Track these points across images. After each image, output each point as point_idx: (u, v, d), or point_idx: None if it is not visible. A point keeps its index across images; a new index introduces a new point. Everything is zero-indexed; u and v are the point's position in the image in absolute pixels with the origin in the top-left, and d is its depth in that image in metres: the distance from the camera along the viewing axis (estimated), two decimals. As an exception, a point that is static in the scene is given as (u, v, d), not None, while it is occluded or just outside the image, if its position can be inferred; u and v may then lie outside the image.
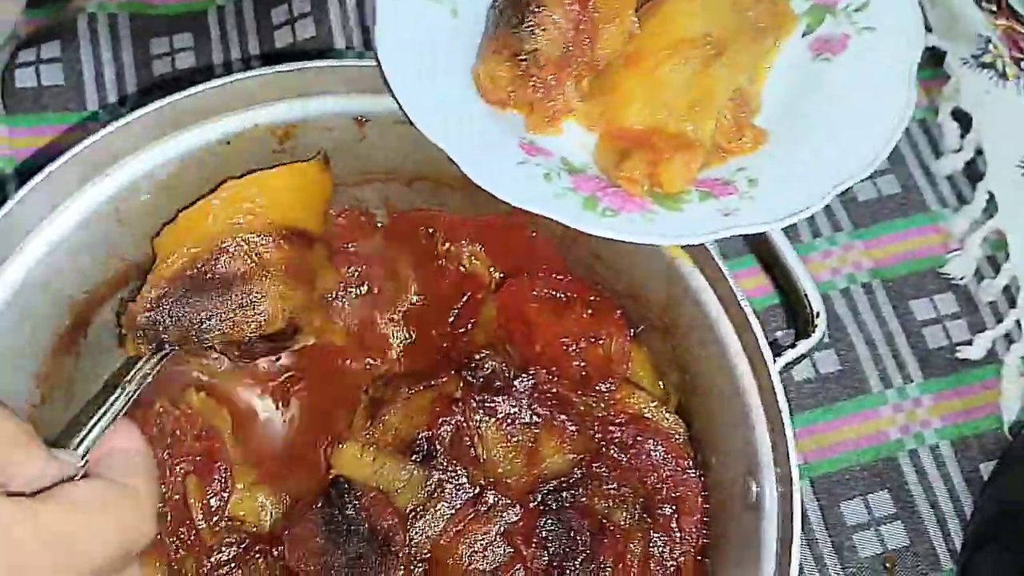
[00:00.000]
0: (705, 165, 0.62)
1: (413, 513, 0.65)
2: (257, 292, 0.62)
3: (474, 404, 0.68)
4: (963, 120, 0.84)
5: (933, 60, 0.87)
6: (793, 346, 0.60)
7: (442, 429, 0.67)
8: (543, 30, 0.62)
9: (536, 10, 0.62)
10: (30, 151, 0.82)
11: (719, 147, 0.63)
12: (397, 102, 0.60)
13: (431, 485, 0.66)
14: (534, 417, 0.68)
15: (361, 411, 0.70)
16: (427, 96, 0.61)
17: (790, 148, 0.62)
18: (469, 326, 0.73)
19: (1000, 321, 0.79)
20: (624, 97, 0.63)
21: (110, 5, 0.87)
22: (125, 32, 0.87)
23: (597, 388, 0.69)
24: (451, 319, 0.74)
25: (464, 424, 0.67)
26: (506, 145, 0.62)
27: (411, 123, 0.59)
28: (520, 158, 0.61)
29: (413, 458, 0.66)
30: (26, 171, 0.76)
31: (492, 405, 0.68)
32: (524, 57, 0.62)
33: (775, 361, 0.59)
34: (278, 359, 0.72)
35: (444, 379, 0.69)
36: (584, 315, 0.72)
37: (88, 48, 0.85)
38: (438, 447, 0.67)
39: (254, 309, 0.62)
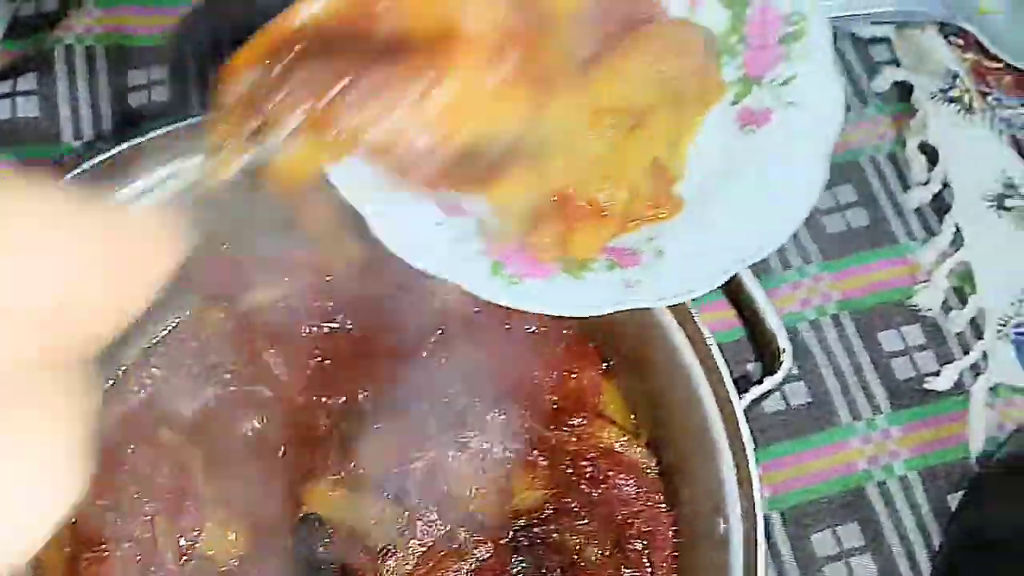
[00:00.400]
0: (618, 232, 0.61)
1: (384, 551, 0.65)
2: None
3: (446, 441, 0.68)
4: (931, 153, 0.86)
5: (901, 94, 0.88)
6: (759, 382, 0.61)
7: (414, 466, 0.68)
8: None
9: None
10: (5, 184, 0.82)
11: (633, 216, 0.62)
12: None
13: (402, 522, 0.66)
14: (506, 453, 0.69)
15: (332, 447, 0.71)
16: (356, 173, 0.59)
17: (701, 221, 0.61)
18: (443, 360, 0.73)
19: (967, 352, 0.80)
20: None
21: (88, 37, 0.87)
22: (102, 64, 0.87)
23: (569, 423, 0.70)
24: (424, 353, 0.74)
25: (436, 461, 0.68)
26: (425, 205, 0.60)
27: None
28: (438, 219, 0.60)
29: (384, 495, 0.67)
30: None
31: (464, 441, 0.68)
32: None
33: (741, 398, 0.60)
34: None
35: (416, 415, 0.69)
36: (557, 348, 0.73)
37: (65, 80, 0.85)
38: (410, 484, 0.67)
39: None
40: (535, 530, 0.67)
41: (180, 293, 0.72)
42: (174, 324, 0.74)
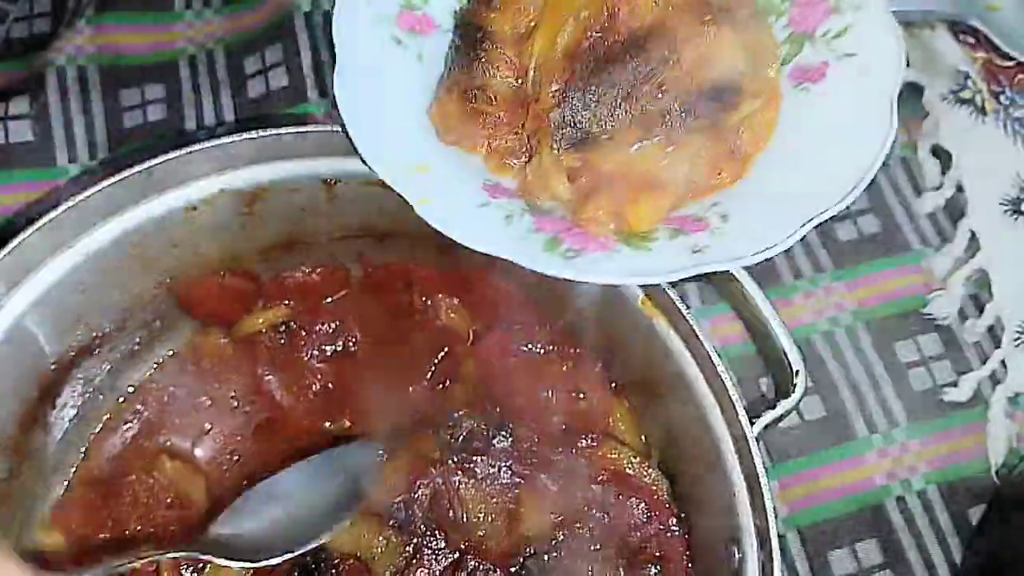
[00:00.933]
0: (679, 203, 0.59)
1: (391, 581, 0.64)
2: (695, 38, 0.57)
3: (452, 465, 0.66)
4: (943, 157, 0.84)
5: (912, 96, 0.86)
6: (773, 407, 0.59)
7: (420, 492, 0.66)
8: (494, 67, 0.60)
9: (487, 47, 0.60)
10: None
11: (695, 185, 0.60)
12: (354, 148, 0.58)
13: (409, 551, 0.64)
14: (514, 477, 0.67)
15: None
16: (385, 142, 0.59)
17: (765, 182, 0.59)
18: (447, 382, 0.72)
19: (985, 362, 0.78)
20: None
21: (80, 58, 0.86)
22: (95, 84, 0.85)
23: (578, 444, 0.68)
24: (428, 374, 0.72)
25: (442, 487, 0.66)
26: (467, 188, 0.59)
27: (370, 169, 0.57)
28: (482, 200, 0.59)
29: (391, 523, 0.65)
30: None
31: (470, 466, 0.67)
32: (473, 94, 0.60)
33: (754, 422, 0.58)
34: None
35: (421, 439, 0.68)
36: (564, 369, 0.71)
37: (57, 103, 0.84)
38: (416, 511, 0.66)
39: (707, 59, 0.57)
40: (545, 556, 0.65)
41: (179, 319, 0.71)
42: (172, 352, 0.72)
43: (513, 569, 0.65)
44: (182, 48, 0.88)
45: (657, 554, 0.65)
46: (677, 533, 0.65)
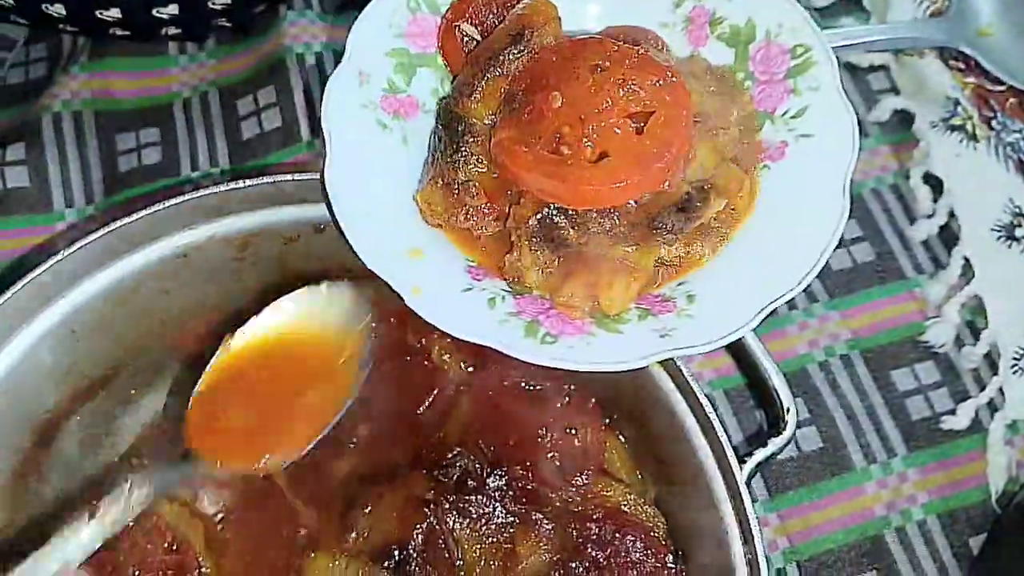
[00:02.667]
0: (649, 285, 0.62)
1: (386, 625, 0.63)
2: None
3: (447, 506, 0.66)
4: (935, 184, 0.84)
5: (902, 123, 0.86)
6: (764, 444, 0.59)
7: (415, 533, 0.66)
8: (476, 159, 0.62)
9: (468, 140, 0.62)
10: (-2, 254, 0.81)
11: (666, 266, 0.62)
12: (341, 233, 0.60)
13: (405, 593, 0.64)
14: (509, 516, 0.67)
15: (333, 514, 0.69)
16: (376, 230, 0.61)
17: (729, 262, 0.62)
18: (440, 421, 0.72)
19: (983, 389, 0.78)
20: None
21: (75, 103, 0.87)
22: (90, 129, 0.86)
23: (573, 481, 0.68)
24: (421, 413, 0.72)
25: (437, 527, 0.66)
26: (454, 272, 0.62)
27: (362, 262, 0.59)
28: (466, 284, 0.61)
29: (386, 565, 0.65)
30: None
31: (465, 506, 0.67)
32: (456, 187, 0.62)
33: (745, 461, 0.58)
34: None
35: (414, 478, 0.68)
36: (558, 405, 0.71)
37: (53, 148, 0.85)
38: (412, 553, 0.65)
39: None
40: (542, 597, 0.65)
41: (173, 365, 0.71)
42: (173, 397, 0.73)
43: (510, 610, 0.64)
44: (176, 91, 0.89)
45: (654, 592, 0.64)
46: (674, 570, 0.65)
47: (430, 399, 0.73)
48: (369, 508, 0.67)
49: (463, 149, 0.61)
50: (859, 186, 0.85)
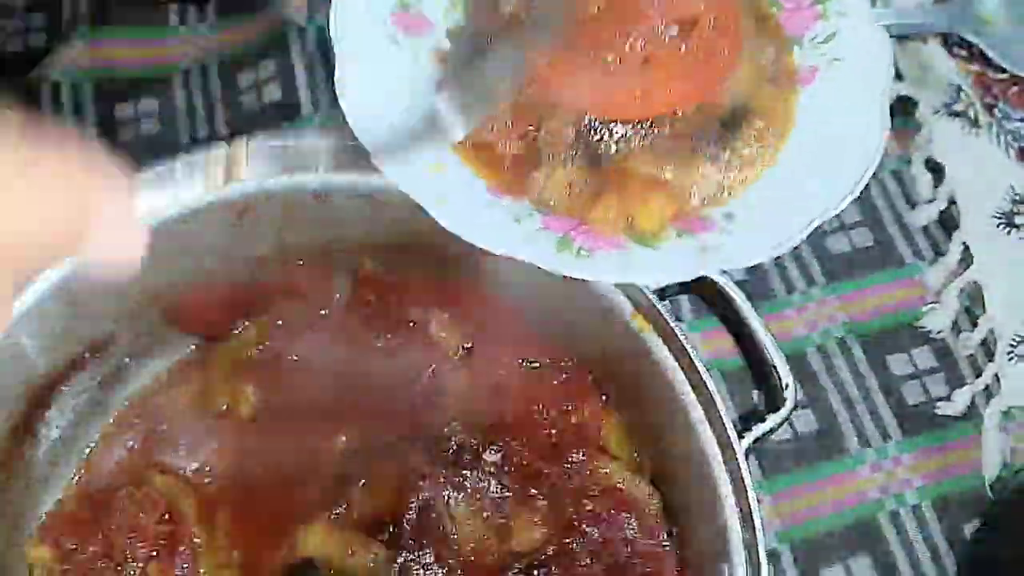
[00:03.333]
0: (685, 209, 0.59)
1: (379, 598, 0.63)
2: None
3: (442, 480, 0.66)
4: (936, 170, 0.84)
5: (904, 109, 0.86)
6: (762, 420, 0.59)
7: (409, 506, 0.66)
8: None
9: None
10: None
11: (703, 187, 0.60)
12: (363, 147, 0.58)
13: (397, 566, 0.64)
14: (504, 491, 0.67)
15: (327, 487, 0.69)
16: (391, 141, 0.59)
17: (768, 185, 0.60)
18: (436, 396, 0.72)
19: (979, 375, 0.78)
20: None
21: (74, 72, 0.86)
22: (89, 99, 0.86)
23: (569, 458, 0.68)
24: (418, 387, 0.72)
25: (432, 501, 0.66)
26: (476, 187, 0.59)
27: (375, 167, 0.58)
28: (490, 200, 0.59)
29: (380, 537, 0.65)
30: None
31: (460, 480, 0.66)
32: None
33: (744, 436, 0.58)
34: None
35: (410, 453, 0.68)
36: (555, 382, 0.71)
37: (51, 118, 0.84)
38: (406, 525, 0.65)
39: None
40: (535, 571, 0.64)
41: (169, 333, 0.71)
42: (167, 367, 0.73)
43: (502, 585, 0.64)
44: (176, 62, 0.88)
45: (648, 569, 0.64)
46: (669, 548, 0.65)
47: (427, 374, 0.72)
48: (363, 482, 0.67)
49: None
50: (860, 171, 0.85)
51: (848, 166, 0.59)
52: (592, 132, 0.58)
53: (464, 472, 0.67)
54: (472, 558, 0.65)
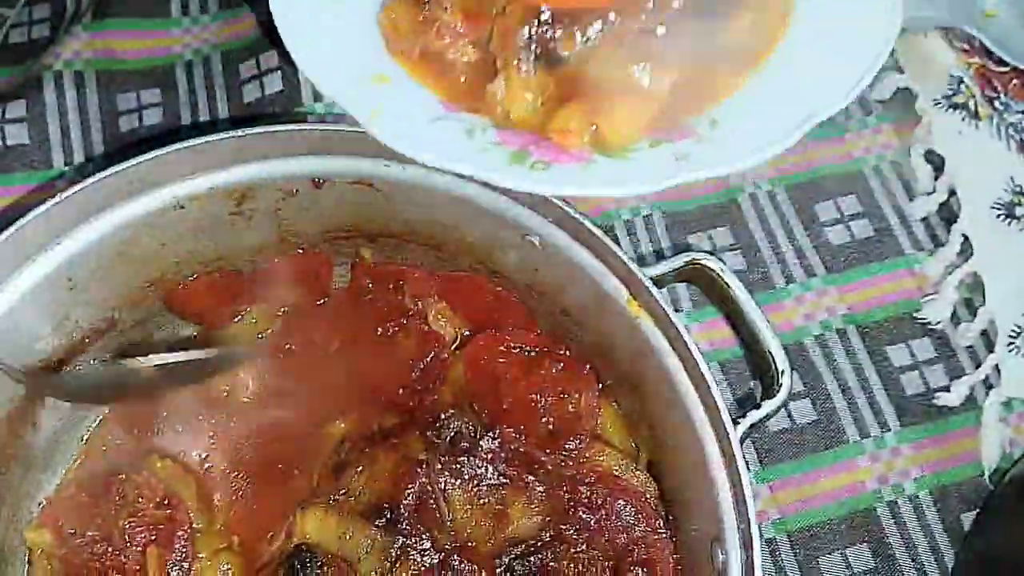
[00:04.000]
0: (660, 117, 0.53)
1: (376, 581, 0.63)
2: None
3: (439, 466, 0.66)
4: (936, 162, 0.84)
5: (904, 101, 0.86)
6: (758, 406, 0.59)
7: (407, 492, 0.66)
8: None
9: None
10: (-4, 209, 0.81)
11: (684, 97, 0.54)
12: (293, 60, 0.54)
13: (395, 551, 0.64)
14: (501, 478, 0.67)
15: (326, 474, 0.69)
16: (330, 52, 0.54)
17: (761, 88, 0.54)
18: (434, 384, 0.72)
19: (978, 366, 0.78)
20: None
21: (77, 62, 0.87)
22: (91, 89, 0.86)
23: (566, 445, 0.68)
24: (416, 375, 0.72)
25: (429, 487, 0.66)
26: (423, 100, 0.54)
27: (303, 77, 0.56)
28: (438, 114, 0.54)
29: (377, 523, 0.65)
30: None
31: (458, 467, 0.67)
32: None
33: (739, 422, 0.58)
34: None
35: (408, 440, 0.68)
36: (552, 370, 0.71)
37: (54, 107, 0.85)
38: (403, 511, 0.65)
39: None
40: (531, 558, 0.65)
41: (168, 319, 0.71)
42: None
43: (499, 570, 0.64)
44: (178, 53, 0.89)
45: (644, 556, 0.64)
46: (665, 536, 0.65)
47: (425, 362, 0.73)
48: (362, 468, 0.67)
49: None
50: (859, 163, 0.85)
51: (854, 60, 0.52)
52: (549, 28, 0.51)
53: (461, 459, 0.67)
54: (469, 544, 0.65)
